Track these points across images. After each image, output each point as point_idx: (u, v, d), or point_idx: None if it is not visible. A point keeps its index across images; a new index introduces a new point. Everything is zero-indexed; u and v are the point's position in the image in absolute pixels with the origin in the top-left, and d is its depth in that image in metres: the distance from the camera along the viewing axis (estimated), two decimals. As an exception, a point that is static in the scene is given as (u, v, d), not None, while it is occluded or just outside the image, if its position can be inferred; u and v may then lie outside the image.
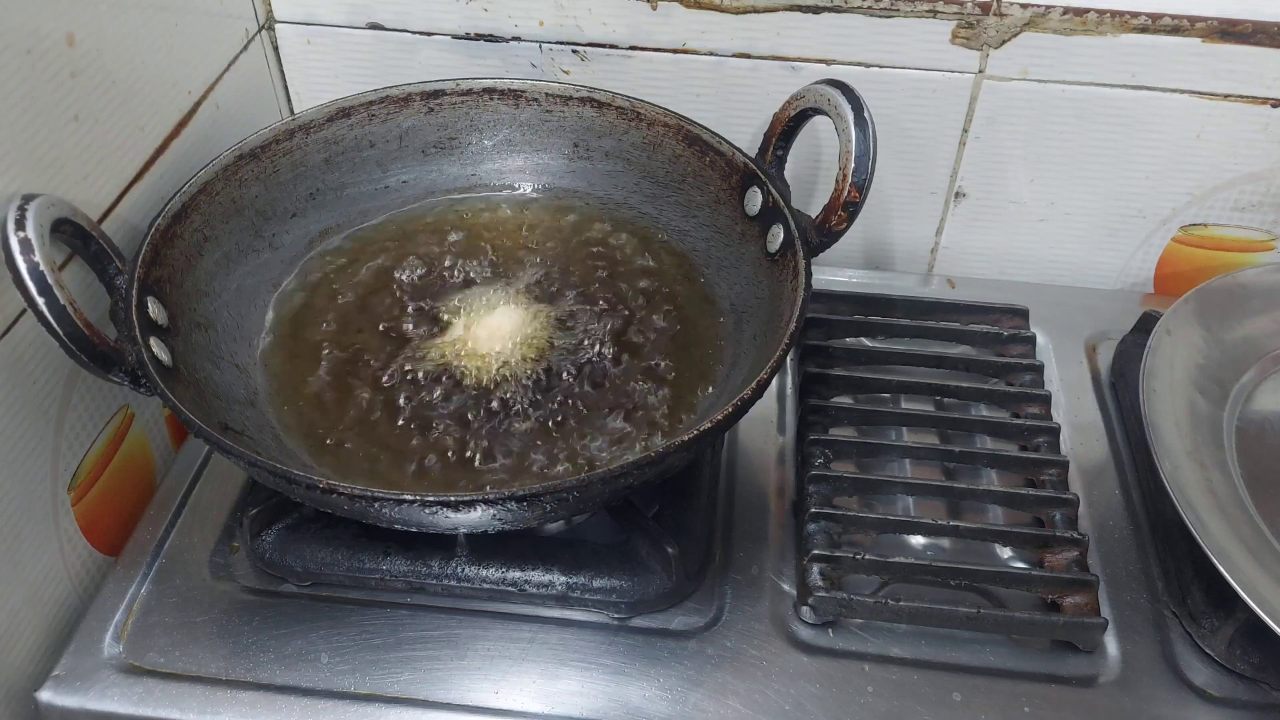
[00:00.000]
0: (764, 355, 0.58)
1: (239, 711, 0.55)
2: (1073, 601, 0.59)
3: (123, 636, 0.58)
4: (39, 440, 0.58)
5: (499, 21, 0.76)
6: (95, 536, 0.64)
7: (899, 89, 0.75)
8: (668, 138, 0.70)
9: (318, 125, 0.70)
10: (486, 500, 0.49)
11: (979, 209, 0.82)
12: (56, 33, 0.56)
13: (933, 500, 0.65)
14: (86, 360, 0.52)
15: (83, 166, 0.59)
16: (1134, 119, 0.75)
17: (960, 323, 0.75)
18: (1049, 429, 0.68)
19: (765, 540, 0.64)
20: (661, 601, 0.59)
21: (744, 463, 0.68)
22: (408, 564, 0.59)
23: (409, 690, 0.56)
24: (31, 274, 0.50)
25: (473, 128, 0.74)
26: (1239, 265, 0.80)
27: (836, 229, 0.60)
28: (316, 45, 0.79)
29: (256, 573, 0.61)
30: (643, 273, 0.69)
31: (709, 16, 0.74)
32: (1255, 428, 0.67)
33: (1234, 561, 0.55)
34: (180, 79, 0.68)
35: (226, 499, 0.66)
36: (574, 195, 0.74)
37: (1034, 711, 0.56)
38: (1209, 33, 0.70)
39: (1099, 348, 0.77)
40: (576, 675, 0.57)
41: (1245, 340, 0.70)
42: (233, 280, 0.65)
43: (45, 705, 0.56)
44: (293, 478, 0.49)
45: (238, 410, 0.59)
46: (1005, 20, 0.71)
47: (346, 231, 0.72)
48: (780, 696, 0.56)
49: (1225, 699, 0.57)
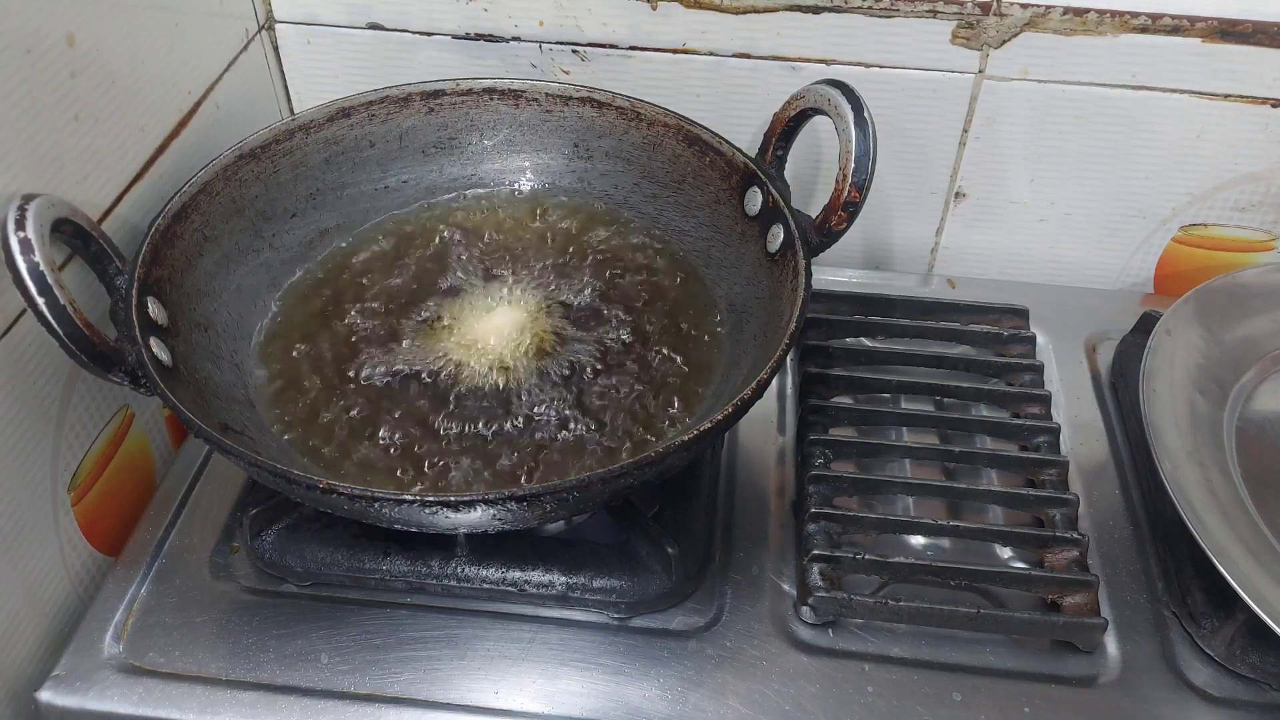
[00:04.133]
0: (764, 355, 0.58)
1: (239, 711, 0.55)
2: (1073, 601, 0.59)
3: (123, 636, 0.58)
4: (39, 440, 0.58)
5: (499, 21, 0.76)
6: (95, 536, 0.64)
7: (899, 89, 0.75)
8: (668, 138, 0.70)
9: (318, 125, 0.70)
10: (486, 500, 0.49)
11: (979, 209, 0.82)
12: (56, 33, 0.56)
13: (933, 500, 0.65)
14: (86, 360, 0.52)
15: (83, 166, 0.59)
16: (1134, 119, 0.75)
17: (960, 323, 0.75)
18: (1049, 429, 0.68)
19: (765, 540, 0.64)
20: (661, 601, 0.59)
21: (744, 463, 0.68)
22: (408, 564, 0.59)
23: (409, 690, 0.56)
24: (31, 274, 0.50)
25: (473, 128, 0.74)
26: (1239, 265, 0.80)
27: (836, 229, 0.60)
28: (316, 45, 0.79)
29: (256, 573, 0.61)
30: (642, 272, 0.69)
31: (709, 16, 0.74)
32: (1255, 428, 0.67)
33: (1234, 561, 0.55)
34: (180, 79, 0.68)
35: (226, 499, 0.66)
36: (574, 195, 0.74)
37: (1034, 711, 0.56)
38: (1209, 33, 0.70)
39: (1099, 348, 0.77)
40: (576, 675, 0.57)
41: (1245, 340, 0.70)
42: (233, 280, 0.65)
43: (45, 705, 0.56)
44: (293, 478, 0.49)
45: (238, 410, 0.59)
46: (1005, 20, 0.71)
47: (347, 231, 0.72)
48: (780, 696, 0.56)
49: (1225, 699, 0.57)
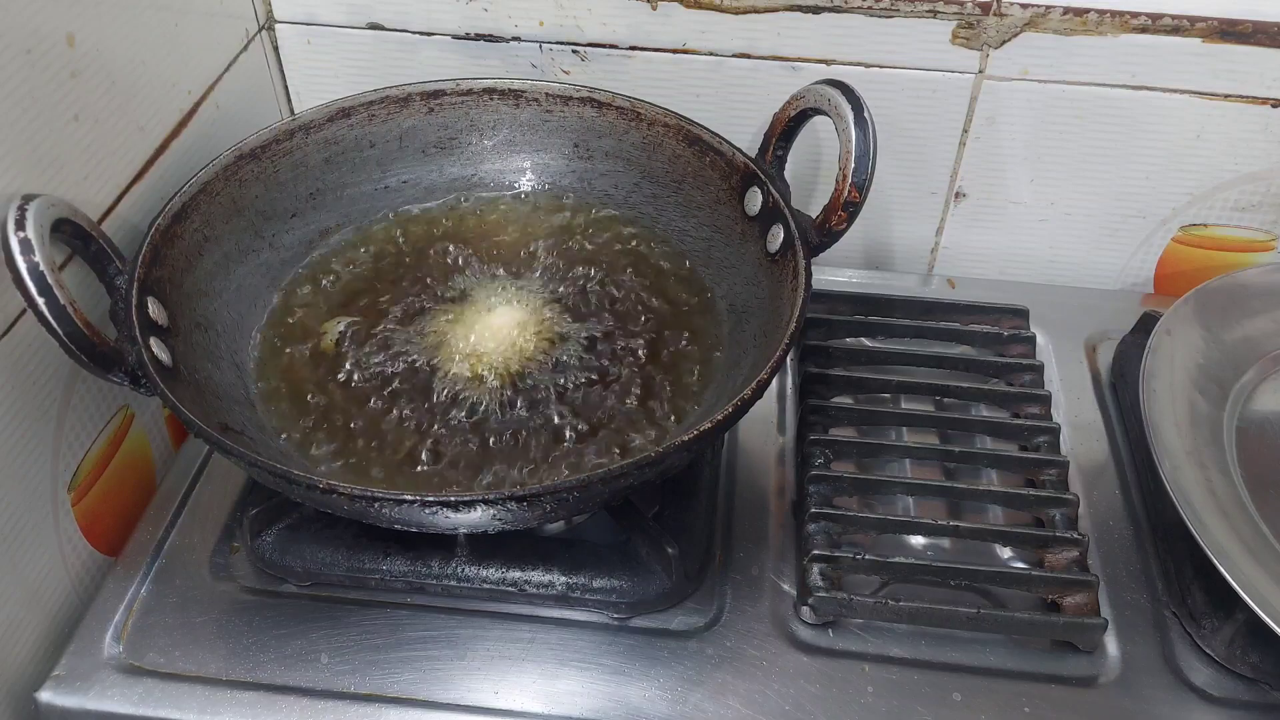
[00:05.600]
0: (764, 355, 0.57)
1: (239, 711, 0.55)
2: (1073, 601, 0.59)
3: (123, 637, 0.58)
4: (39, 440, 0.58)
5: (499, 21, 0.76)
6: (95, 537, 0.64)
7: (899, 89, 0.75)
8: (668, 138, 0.70)
9: (318, 125, 0.70)
10: (486, 500, 0.49)
11: (979, 209, 0.82)
12: (56, 33, 0.56)
13: (933, 500, 0.65)
14: (86, 360, 0.52)
15: (83, 166, 0.59)
16: (1134, 119, 0.75)
17: (960, 323, 0.75)
18: (1049, 429, 0.68)
19: (765, 540, 0.64)
20: (661, 601, 0.59)
21: (744, 463, 0.68)
22: (408, 564, 0.59)
23: (409, 690, 0.56)
24: (31, 274, 0.50)
25: (473, 128, 0.74)
26: (1239, 265, 0.80)
27: (836, 229, 0.60)
28: (316, 45, 0.79)
29: (256, 573, 0.61)
30: (642, 273, 0.69)
31: (709, 16, 0.74)
32: (1255, 428, 0.67)
33: (1234, 561, 0.55)
34: (180, 79, 0.68)
35: (226, 499, 0.66)
36: (574, 195, 0.74)
37: (1034, 711, 0.56)
38: (1209, 33, 0.70)
39: (1099, 348, 0.77)
40: (576, 675, 0.57)
41: (1245, 340, 0.70)
42: (233, 280, 0.65)
43: (45, 705, 0.56)
44: (293, 478, 0.49)
45: (238, 410, 0.59)
46: (1005, 20, 0.71)
47: (347, 231, 0.72)
48: (780, 696, 0.56)
49: (1225, 699, 0.57)
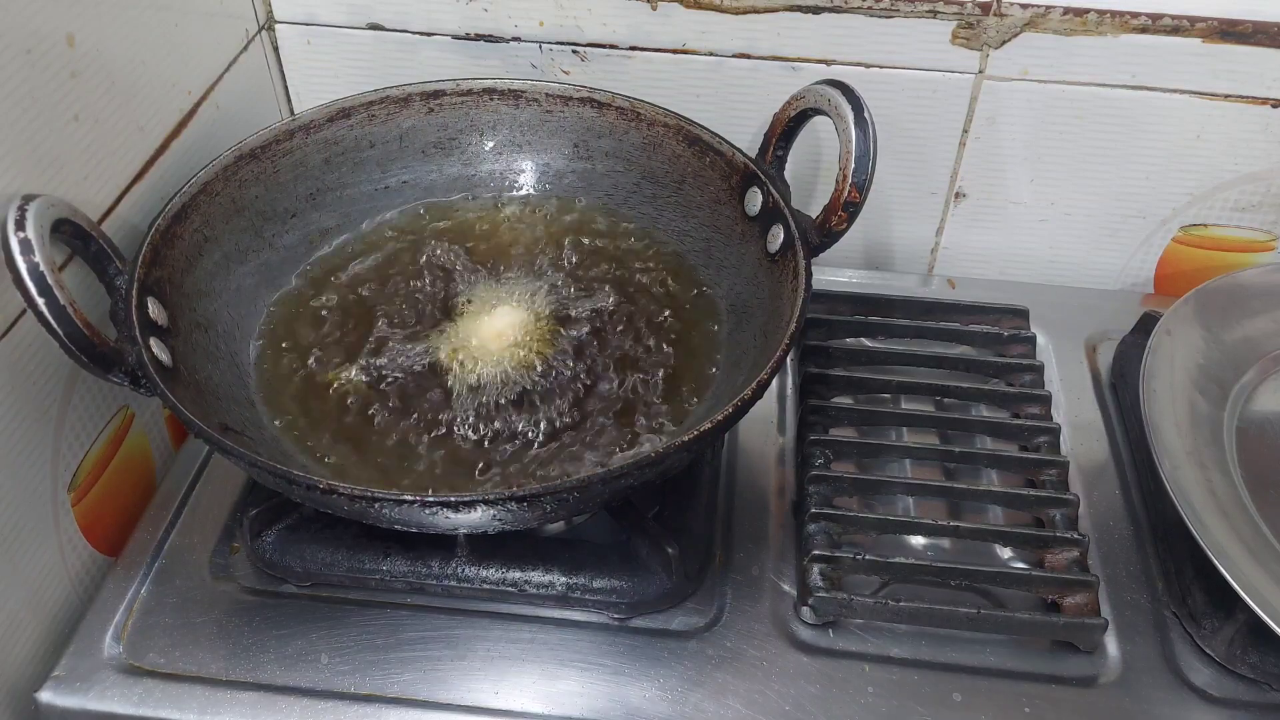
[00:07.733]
0: (764, 355, 0.57)
1: (239, 712, 0.55)
2: (1073, 602, 0.59)
3: (123, 637, 0.58)
4: (39, 440, 0.58)
5: (499, 22, 0.76)
6: (95, 537, 0.64)
7: (899, 89, 0.75)
8: (668, 138, 0.70)
9: (318, 125, 0.70)
10: (486, 500, 0.49)
11: (979, 209, 0.82)
12: (56, 33, 0.56)
13: (933, 500, 0.65)
14: (86, 360, 0.52)
15: (83, 166, 0.59)
16: (1134, 119, 0.75)
17: (960, 323, 0.75)
18: (1049, 429, 0.68)
19: (765, 540, 0.64)
20: (661, 602, 0.59)
21: (744, 463, 0.68)
22: (408, 564, 0.59)
23: (409, 690, 0.56)
24: (31, 274, 0.50)
25: (473, 128, 0.74)
26: (1239, 265, 0.80)
27: (837, 229, 0.60)
28: (316, 45, 0.79)
29: (256, 573, 0.61)
30: (642, 273, 0.69)
31: (709, 17, 0.74)
32: (1255, 428, 0.67)
33: (1234, 561, 0.55)
34: (180, 79, 0.68)
35: (226, 499, 0.66)
36: (574, 195, 0.74)
37: (1034, 712, 0.56)
38: (1209, 33, 0.70)
39: (1099, 348, 0.77)
40: (576, 675, 0.57)
41: (1245, 340, 0.70)
42: (233, 280, 0.65)
43: (45, 705, 0.56)
44: (293, 478, 0.49)
45: (238, 410, 0.59)
46: (1005, 20, 0.71)
47: (346, 232, 0.72)
48: (780, 697, 0.56)
49: (1225, 699, 0.57)
